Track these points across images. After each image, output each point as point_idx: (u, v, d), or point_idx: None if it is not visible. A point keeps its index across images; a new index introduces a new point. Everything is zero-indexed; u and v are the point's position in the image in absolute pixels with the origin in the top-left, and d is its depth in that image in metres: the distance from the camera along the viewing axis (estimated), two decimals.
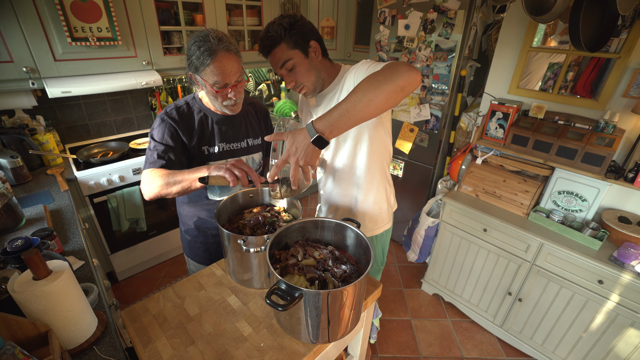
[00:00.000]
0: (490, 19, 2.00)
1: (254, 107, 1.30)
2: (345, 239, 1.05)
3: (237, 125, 1.20)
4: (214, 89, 1.01)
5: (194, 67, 0.99)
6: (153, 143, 1.07)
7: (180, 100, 1.15)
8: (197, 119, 1.12)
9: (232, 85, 1.02)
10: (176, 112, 1.09)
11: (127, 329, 0.95)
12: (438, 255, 2.10)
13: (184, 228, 1.32)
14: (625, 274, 1.37)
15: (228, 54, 0.98)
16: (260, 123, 1.31)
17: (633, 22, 1.40)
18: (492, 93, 1.95)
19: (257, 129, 1.28)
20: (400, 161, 2.48)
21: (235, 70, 1.01)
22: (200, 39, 0.97)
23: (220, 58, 0.97)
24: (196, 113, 1.12)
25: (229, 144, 1.18)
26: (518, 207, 1.74)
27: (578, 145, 1.52)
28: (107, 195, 1.97)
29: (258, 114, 1.30)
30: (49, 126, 2.09)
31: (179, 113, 1.10)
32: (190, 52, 0.99)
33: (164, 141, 1.06)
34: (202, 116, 1.13)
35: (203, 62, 0.96)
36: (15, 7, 1.59)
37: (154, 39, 2.07)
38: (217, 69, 0.97)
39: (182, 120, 1.09)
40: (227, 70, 0.99)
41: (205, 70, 0.98)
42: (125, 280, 2.33)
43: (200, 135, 1.12)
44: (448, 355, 1.89)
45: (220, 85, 1.00)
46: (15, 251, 0.94)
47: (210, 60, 0.96)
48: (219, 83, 1.00)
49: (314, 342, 0.90)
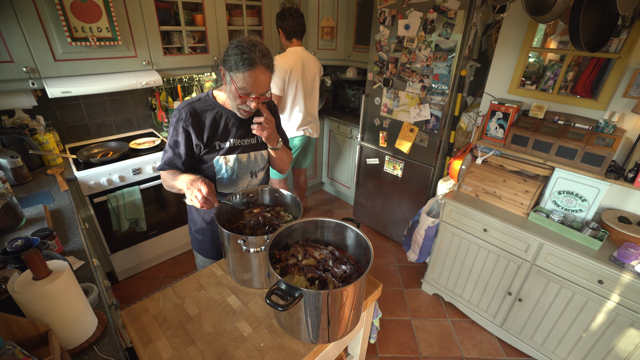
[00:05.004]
0: (490, 19, 2.00)
1: (267, 103, 1.32)
2: (345, 239, 1.05)
3: (249, 123, 1.23)
4: (238, 93, 1.06)
5: (229, 65, 1.03)
6: (167, 143, 1.17)
7: (194, 97, 1.19)
8: (210, 116, 1.16)
9: (256, 97, 1.07)
10: (189, 112, 1.13)
11: (127, 329, 0.95)
12: (438, 255, 2.10)
13: (193, 223, 1.35)
14: (625, 274, 1.37)
15: (266, 70, 1.04)
16: None
17: (633, 22, 1.40)
18: (492, 93, 1.95)
19: None
20: (400, 161, 2.48)
21: (265, 85, 1.07)
22: (247, 45, 1.00)
23: (257, 71, 1.01)
24: (209, 110, 1.17)
25: (241, 139, 1.23)
26: (518, 207, 1.74)
27: (578, 145, 1.52)
28: (107, 195, 1.97)
29: (270, 109, 1.33)
30: (49, 126, 2.09)
31: (191, 112, 1.13)
32: (231, 51, 1.02)
33: (173, 144, 1.15)
34: (216, 113, 1.17)
35: (240, 67, 1.01)
36: (15, 7, 1.59)
37: (154, 39, 2.07)
38: (250, 79, 1.02)
39: (193, 119, 1.13)
40: (259, 84, 1.04)
41: (238, 74, 1.02)
42: (125, 280, 2.33)
43: (213, 132, 1.17)
44: (448, 355, 1.89)
45: (245, 92, 1.05)
46: (15, 251, 0.94)
47: (247, 69, 1.00)
48: (245, 90, 1.05)
49: (314, 342, 0.90)
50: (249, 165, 1.27)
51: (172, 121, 1.14)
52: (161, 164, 1.17)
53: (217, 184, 1.25)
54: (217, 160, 1.19)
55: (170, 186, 1.14)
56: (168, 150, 1.16)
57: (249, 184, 1.31)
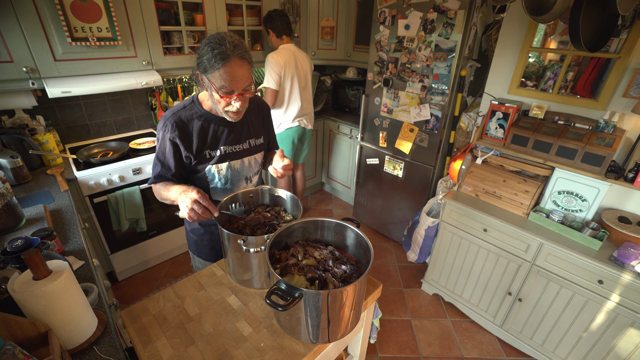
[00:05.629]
0: (490, 19, 2.00)
1: (256, 103, 1.27)
2: (345, 239, 1.05)
3: (239, 127, 1.19)
4: (219, 94, 0.99)
5: (203, 67, 0.98)
6: (155, 155, 1.13)
7: (179, 105, 1.13)
8: (198, 125, 1.11)
9: (239, 94, 1.01)
10: (174, 123, 1.08)
11: (127, 329, 0.95)
12: (438, 255, 2.10)
13: (190, 226, 1.33)
14: (625, 274, 1.37)
15: (241, 61, 0.97)
16: (263, 120, 1.30)
17: (633, 22, 1.40)
18: (492, 93, 1.95)
19: (258, 127, 1.27)
20: (400, 161, 2.48)
21: (245, 79, 1.00)
22: (215, 40, 0.95)
23: (232, 64, 0.95)
24: (196, 118, 1.11)
25: (231, 146, 1.18)
26: (518, 207, 1.74)
27: (578, 145, 1.52)
28: (107, 195, 1.97)
29: (259, 111, 1.29)
30: (49, 126, 2.09)
31: (177, 123, 1.08)
32: (202, 51, 0.97)
33: (162, 157, 1.12)
34: (203, 121, 1.12)
35: (214, 65, 0.95)
36: (15, 7, 1.59)
37: (154, 39, 2.07)
38: (226, 74, 0.96)
39: (180, 130, 1.08)
40: (237, 77, 0.98)
41: (214, 73, 0.96)
42: (125, 280, 2.33)
43: (202, 141, 1.12)
44: (448, 355, 1.89)
45: (226, 90, 0.99)
46: (15, 251, 0.94)
47: (221, 64, 0.95)
48: (226, 88, 0.98)
49: (314, 342, 0.90)
50: (242, 171, 1.24)
51: (159, 134, 1.09)
52: (152, 178, 1.13)
53: (212, 193, 1.23)
54: (210, 169, 1.16)
55: (163, 198, 1.09)
56: (157, 163, 1.12)
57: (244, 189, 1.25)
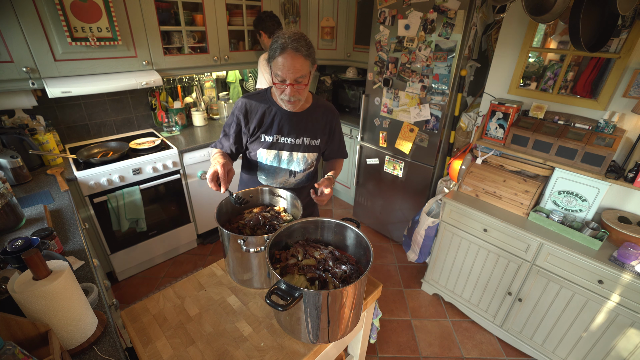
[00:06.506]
0: (490, 19, 2.00)
1: (324, 107, 1.34)
2: (345, 239, 1.05)
3: (296, 122, 1.27)
4: (273, 81, 1.13)
5: (270, 56, 1.11)
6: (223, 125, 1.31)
7: (255, 91, 1.32)
8: (262, 110, 1.25)
9: (289, 83, 1.10)
10: (244, 103, 1.26)
11: (127, 329, 0.95)
12: (438, 255, 2.10)
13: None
14: (625, 274, 1.37)
15: (295, 53, 1.06)
16: (325, 124, 1.34)
17: (633, 22, 1.40)
18: (492, 93, 1.95)
19: (318, 128, 1.32)
20: (400, 161, 2.48)
21: (296, 70, 1.08)
22: (280, 34, 1.08)
23: (286, 55, 1.05)
24: (263, 104, 1.26)
25: (285, 137, 1.28)
26: (518, 207, 1.74)
27: (578, 145, 1.52)
28: (107, 195, 1.97)
29: (324, 114, 1.34)
30: (49, 126, 2.09)
31: (245, 104, 1.26)
32: (271, 44, 1.10)
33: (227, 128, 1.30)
34: (267, 108, 1.26)
35: (274, 54, 1.08)
36: (15, 7, 1.59)
37: (154, 39, 2.07)
38: (280, 64, 1.07)
39: (245, 110, 1.26)
40: (288, 67, 1.07)
41: (274, 61, 1.09)
42: (125, 280, 2.33)
43: (259, 123, 1.26)
44: (448, 355, 1.89)
45: (280, 79, 1.10)
46: (15, 251, 0.94)
47: (278, 53, 1.06)
48: (279, 76, 1.10)
49: (314, 342, 0.90)
50: (289, 163, 1.32)
51: (233, 108, 1.28)
52: (215, 142, 1.33)
53: (259, 171, 1.36)
54: (260, 152, 1.29)
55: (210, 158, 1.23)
56: (222, 131, 1.31)
57: (285, 181, 1.36)
